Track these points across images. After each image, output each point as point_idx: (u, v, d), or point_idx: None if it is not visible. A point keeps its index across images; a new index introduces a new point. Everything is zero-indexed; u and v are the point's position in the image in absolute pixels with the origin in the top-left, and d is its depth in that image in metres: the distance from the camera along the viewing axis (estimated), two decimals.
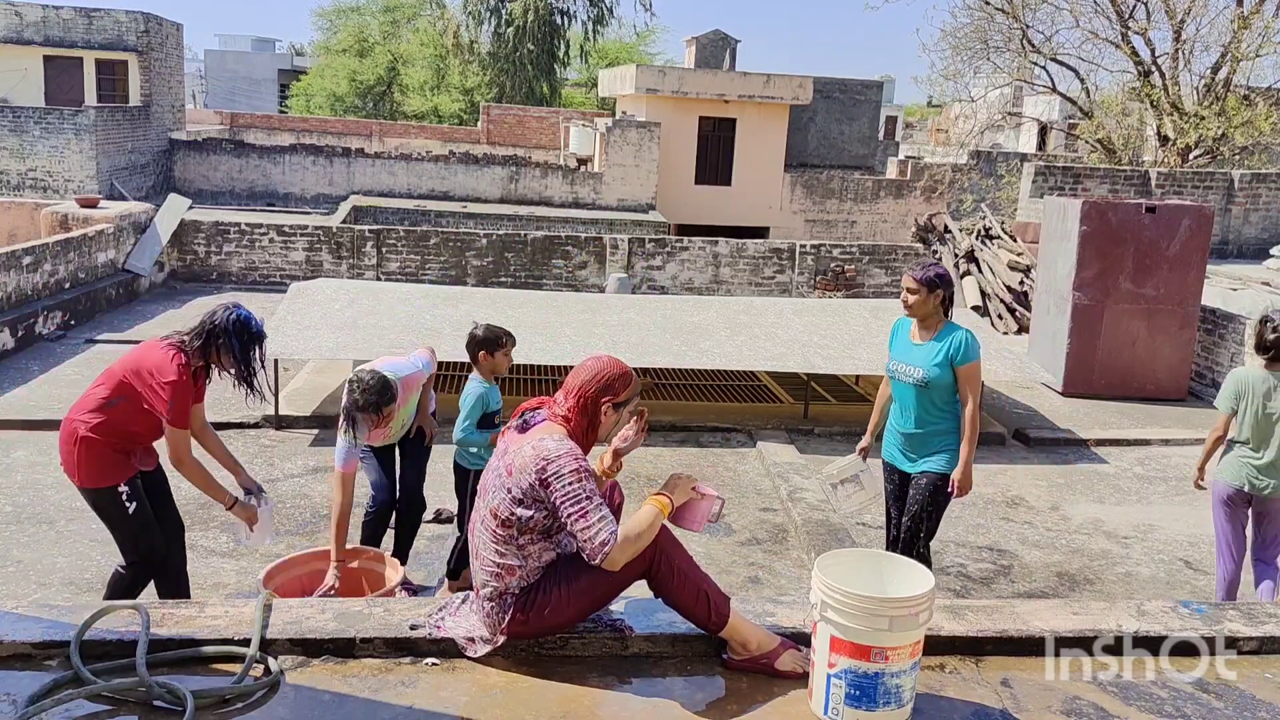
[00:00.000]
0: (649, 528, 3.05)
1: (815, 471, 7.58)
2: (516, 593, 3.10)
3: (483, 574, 3.14)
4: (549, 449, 3.00)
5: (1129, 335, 10.31)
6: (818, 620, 2.93)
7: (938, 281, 4.66)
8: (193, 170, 23.02)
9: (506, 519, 3.05)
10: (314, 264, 14.43)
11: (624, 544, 2.99)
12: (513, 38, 37.97)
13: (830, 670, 2.90)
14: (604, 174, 23.15)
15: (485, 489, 3.17)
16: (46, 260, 11.21)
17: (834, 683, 2.90)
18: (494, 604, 3.12)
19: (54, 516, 6.08)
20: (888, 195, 24.98)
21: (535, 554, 3.09)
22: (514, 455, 3.07)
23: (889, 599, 2.86)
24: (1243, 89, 18.42)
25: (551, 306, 9.70)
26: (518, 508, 3.03)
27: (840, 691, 2.89)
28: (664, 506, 3.13)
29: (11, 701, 2.79)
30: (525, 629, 3.14)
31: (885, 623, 2.82)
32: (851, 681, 2.87)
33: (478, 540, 3.17)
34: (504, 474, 3.08)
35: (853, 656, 2.85)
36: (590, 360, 3.26)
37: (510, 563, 3.08)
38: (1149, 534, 6.79)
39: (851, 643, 2.85)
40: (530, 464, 3.00)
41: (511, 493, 3.03)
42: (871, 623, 2.82)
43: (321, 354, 8.18)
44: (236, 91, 50.44)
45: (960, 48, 20.37)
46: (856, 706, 2.88)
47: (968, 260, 14.93)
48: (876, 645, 2.83)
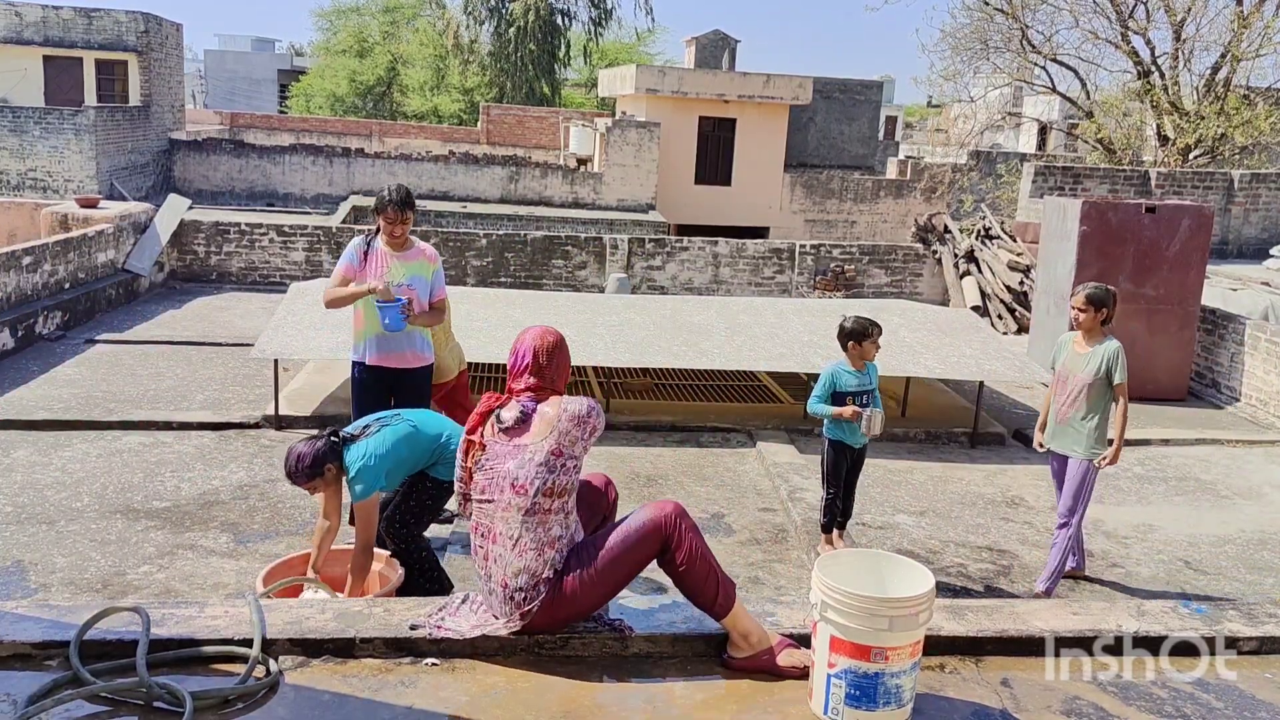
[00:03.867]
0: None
1: (815, 472, 7.58)
2: (550, 576, 3.14)
3: (517, 562, 3.13)
4: (579, 409, 3.21)
5: (1129, 335, 10.23)
6: (818, 620, 2.93)
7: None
8: (193, 170, 23.03)
9: (559, 488, 3.16)
10: (314, 264, 14.43)
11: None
12: (513, 38, 37.97)
13: (830, 670, 2.91)
14: (604, 174, 23.15)
15: (514, 485, 3.16)
16: (46, 260, 11.21)
17: (834, 683, 2.90)
18: (524, 593, 3.14)
19: (54, 516, 6.08)
20: (888, 195, 24.98)
21: (573, 521, 3.24)
22: (553, 436, 3.16)
23: (889, 599, 2.87)
24: (1243, 89, 18.41)
25: (551, 307, 9.70)
26: (571, 473, 3.18)
27: (840, 691, 2.89)
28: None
29: (11, 702, 2.79)
30: (552, 617, 3.16)
31: (885, 623, 2.82)
32: (851, 681, 2.87)
33: (502, 540, 3.16)
34: (549, 458, 3.15)
35: (853, 656, 2.86)
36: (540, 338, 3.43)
37: (556, 534, 3.17)
38: (1149, 534, 6.79)
39: (851, 643, 2.85)
40: (577, 430, 3.18)
41: (565, 465, 3.16)
42: (871, 623, 2.83)
43: (321, 354, 8.18)
44: (236, 91, 50.44)
45: (960, 48, 20.39)
46: (856, 706, 2.89)
47: (968, 260, 14.93)
48: (877, 645, 2.83)
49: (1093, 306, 5.45)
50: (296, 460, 4.39)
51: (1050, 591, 5.60)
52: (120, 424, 7.85)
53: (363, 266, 5.52)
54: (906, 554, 6.22)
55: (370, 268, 5.51)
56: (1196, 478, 8.01)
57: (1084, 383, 5.50)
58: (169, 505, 6.36)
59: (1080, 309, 5.49)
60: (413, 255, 5.62)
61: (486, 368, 9.73)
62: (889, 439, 8.58)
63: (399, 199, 5.44)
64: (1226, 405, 10.08)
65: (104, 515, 6.14)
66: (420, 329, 5.62)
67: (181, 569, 5.47)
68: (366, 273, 5.49)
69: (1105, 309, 5.46)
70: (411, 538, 4.71)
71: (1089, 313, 5.46)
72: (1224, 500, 7.53)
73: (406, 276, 5.53)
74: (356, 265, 5.52)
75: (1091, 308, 5.45)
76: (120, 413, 8.12)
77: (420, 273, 5.61)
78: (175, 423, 7.97)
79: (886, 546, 6.35)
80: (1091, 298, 5.46)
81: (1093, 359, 5.48)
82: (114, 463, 7.09)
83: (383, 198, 5.46)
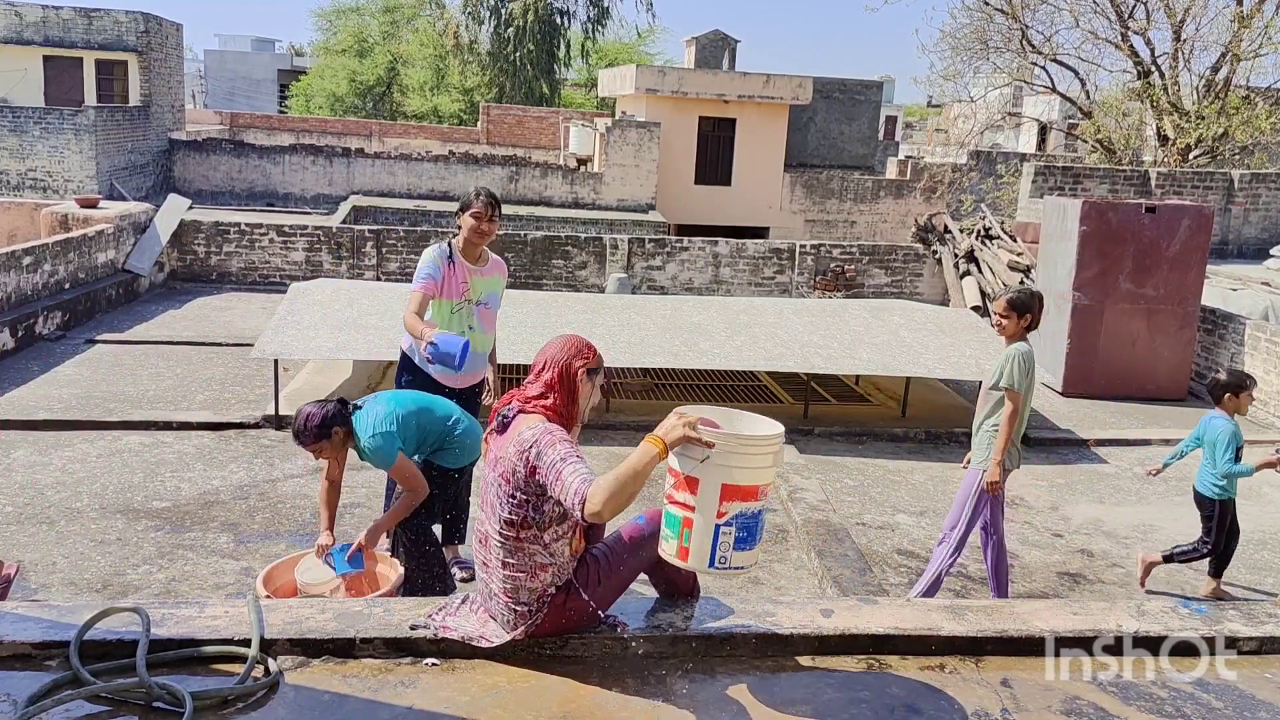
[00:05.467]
0: (635, 471, 2.81)
1: (816, 472, 7.59)
2: (554, 591, 3.13)
3: (510, 581, 3.12)
4: (525, 439, 3.01)
5: (1129, 335, 10.31)
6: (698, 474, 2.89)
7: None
8: (192, 170, 23.02)
9: (523, 521, 3.05)
10: (314, 264, 14.43)
11: (607, 484, 2.77)
12: (513, 38, 37.96)
13: (719, 520, 2.92)
14: (604, 174, 23.15)
15: (488, 504, 3.16)
16: (46, 260, 11.21)
17: (723, 531, 2.94)
18: (527, 606, 3.12)
19: (54, 516, 6.08)
20: (887, 195, 24.97)
21: (560, 550, 3.12)
22: (504, 461, 3.07)
23: (772, 436, 3.00)
24: (1243, 88, 18.41)
25: (551, 307, 9.70)
26: (527, 509, 3.04)
27: (730, 538, 2.95)
28: (660, 449, 2.86)
29: (11, 702, 2.79)
30: (557, 624, 3.16)
31: (769, 459, 2.96)
32: (741, 524, 2.94)
33: (493, 553, 3.15)
34: (502, 483, 3.08)
35: (745, 499, 2.93)
36: (557, 344, 3.23)
37: (541, 561, 3.10)
38: (1149, 534, 6.79)
39: (744, 485, 2.92)
40: (517, 461, 3.01)
41: (515, 497, 3.04)
42: (763, 461, 2.94)
43: (321, 354, 8.18)
44: (236, 91, 50.43)
45: (960, 48, 20.39)
46: (743, 548, 2.97)
47: (968, 260, 14.93)
48: (763, 484, 2.97)
49: (1015, 312, 5.04)
50: (305, 420, 4.41)
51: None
52: (120, 424, 7.85)
53: (447, 279, 5.11)
54: (906, 554, 6.24)
55: (450, 283, 5.13)
56: None
57: (986, 388, 5.14)
58: (169, 505, 6.36)
59: (1002, 314, 5.08)
60: (490, 270, 5.31)
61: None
62: (889, 439, 8.59)
63: (489, 196, 5.12)
64: None
65: (104, 515, 6.14)
66: (480, 350, 5.30)
67: (181, 569, 5.47)
68: (447, 288, 5.13)
69: (1030, 314, 5.05)
70: (422, 529, 4.73)
71: (1011, 318, 5.04)
72: None
73: (485, 293, 5.27)
74: (439, 279, 5.09)
75: (1014, 313, 5.04)
76: (120, 413, 8.12)
77: (495, 289, 5.37)
78: (175, 423, 7.97)
79: (887, 546, 6.35)
80: (1013, 302, 5.05)
81: (997, 363, 5.09)
82: (114, 463, 7.09)
83: (470, 196, 5.13)
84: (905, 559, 6.18)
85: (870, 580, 5.69)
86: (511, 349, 8.20)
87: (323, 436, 4.41)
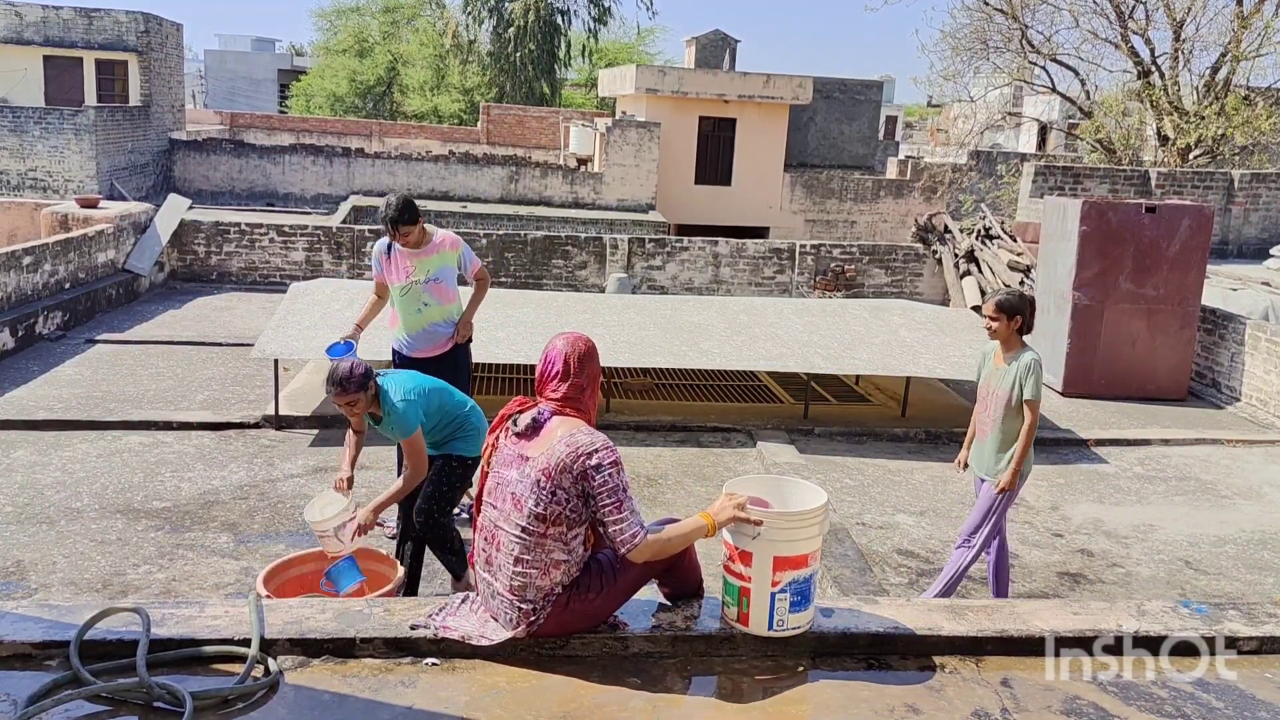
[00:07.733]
0: (683, 538, 3.19)
1: (816, 471, 7.59)
2: (560, 591, 3.13)
3: (520, 578, 3.12)
4: (584, 443, 3.10)
5: (1129, 335, 10.31)
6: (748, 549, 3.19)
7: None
8: (193, 170, 23.02)
9: (556, 516, 3.08)
10: (314, 264, 14.42)
11: (655, 543, 3.12)
12: (513, 38, 37.95)
13: (774, 589, 3.20)
14: (604, 174, 23.15)
15: (508, 499, 3.16)
16: (46, 260, 11.21)
17: (779, 598, 3.21)
18: (533, 604, 3.13)
19: (54, 516, 6.08)
20: (888, 195, 24.98)
21: (577, 548, 3.16)
22: (550, 457, 3.08)
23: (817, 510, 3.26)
24: (1243, 89, 18.41)
25: (551, 306, 9.70)
26: (565, 506, 3.08)
27: (785, 603, 3.21)
28: (710, 526, 3.20)
29: (11, 702, 2.79)
30: (561, 624, 3.16)
31: (815, 529, 3.23)
32: (795, 590, 3.21)
33: (504, 549, 3.16)
34: (542, 478, 3.08)
35: (795, 568, 3.20)
36: (571, 345, 3.29)
37: (557, 557, 3.12)
38: (1149, 534, 6.79)
39: (793, 556, 3.19)
40: (569, 459, 3.07)
41: (555, 494, 3.07)
42: (810, 533, 3.21)
43: (321, 354, 8.17)
44: (236, 91, 50.42)
45: (960, 48, 20.38)
46: (798, 610, 3.24)
47: (968, 260, 14.93)
48: (812, 552, 3.24)
49: (1005, 314, 4.95)
50: (350, 368, 4.56)
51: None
52: (120, 424, 7.85)
53: (387, 269, 5.85)
54: (906, 554, 6.24)
55: (393, 270, 5.84)
56: (1197, 478, 8.02)
57: (1002, 400, 5.03)
58: (169, 505, 6.36)
59: (992, 317, 4.99)
60: (430, 250, 5.83)
61: (488, 367, 9.73)
62: (889, 439, 8.59)
63: (392, 216, 5.63)
64: (1226, 405, 10.08)
65: (104, 515, 6.14)
66: (440, 320, 5.89)
67: (181, 569, 5.47)
68: (391, 275, 5.84)
69: (1020, 317, 4.96)
70: (441, 513, 4.87)
71: (1001, 321, 4.96)
72: (1224, 500, 7.53)
73: (430, 272, 5.78)
74: (382, 269, 5.87)
75: (1004, 316, 4.95)
76: (120, 413, 8.12)
77: (445, 263, 5.86)
78: (175, 423, 7.97)
79: (887, 546, 6.35)
80: (1003, 305, 4.96)
81: (1009, 375, 5.02)
82: (114, 463, 7.09)
83: (379, 216, 5.75)
84: (905, 559, 6.18)
85: (870, 580, 5.69)
86: (512, 349, 8.20)
87: (363, 387, 4.56)
